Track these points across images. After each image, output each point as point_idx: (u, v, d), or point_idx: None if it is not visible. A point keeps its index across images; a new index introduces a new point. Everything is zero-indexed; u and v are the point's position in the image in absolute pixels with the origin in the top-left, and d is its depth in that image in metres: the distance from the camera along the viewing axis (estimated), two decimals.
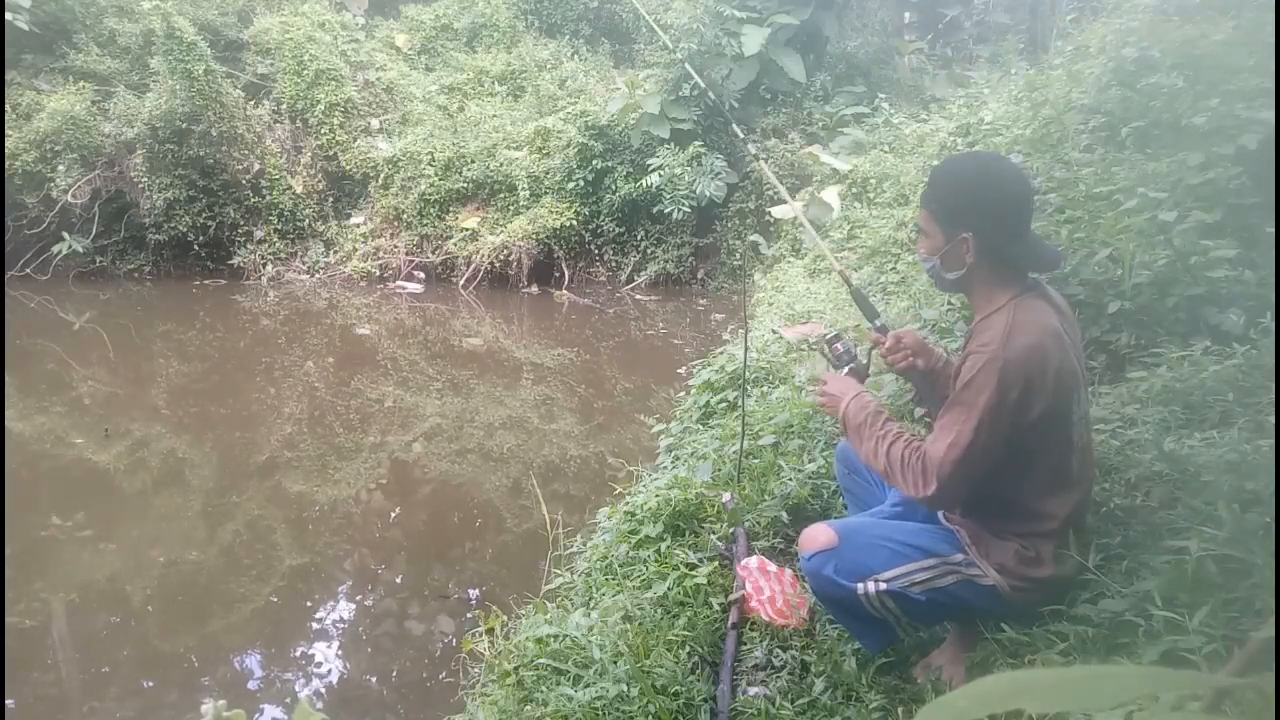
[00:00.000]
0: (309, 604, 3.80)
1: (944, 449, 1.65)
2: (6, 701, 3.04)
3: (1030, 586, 1.74)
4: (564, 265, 11.07)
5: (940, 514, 1.91)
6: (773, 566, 2.43)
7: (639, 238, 11.05)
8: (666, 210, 10.29)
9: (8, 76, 10.56)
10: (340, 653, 3.44)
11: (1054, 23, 11.28)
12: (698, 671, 2.14)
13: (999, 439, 1.65)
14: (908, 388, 2.16)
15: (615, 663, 2.07)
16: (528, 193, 10.86)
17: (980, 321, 1.76)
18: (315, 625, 3.64)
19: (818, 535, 1.85)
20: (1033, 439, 1.68)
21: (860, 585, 1.79)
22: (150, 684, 3.25)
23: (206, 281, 11.23)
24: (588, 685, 2.03)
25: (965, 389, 1.66)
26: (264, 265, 11.22)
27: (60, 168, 10.37)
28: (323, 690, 3.21)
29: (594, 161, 10.64)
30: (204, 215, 10.95)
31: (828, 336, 2.06)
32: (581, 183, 10.70)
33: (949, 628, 2.01)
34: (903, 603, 1.80)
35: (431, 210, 11.16)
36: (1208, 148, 3.28)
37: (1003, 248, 1.71)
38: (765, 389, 4.19)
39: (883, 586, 1.78)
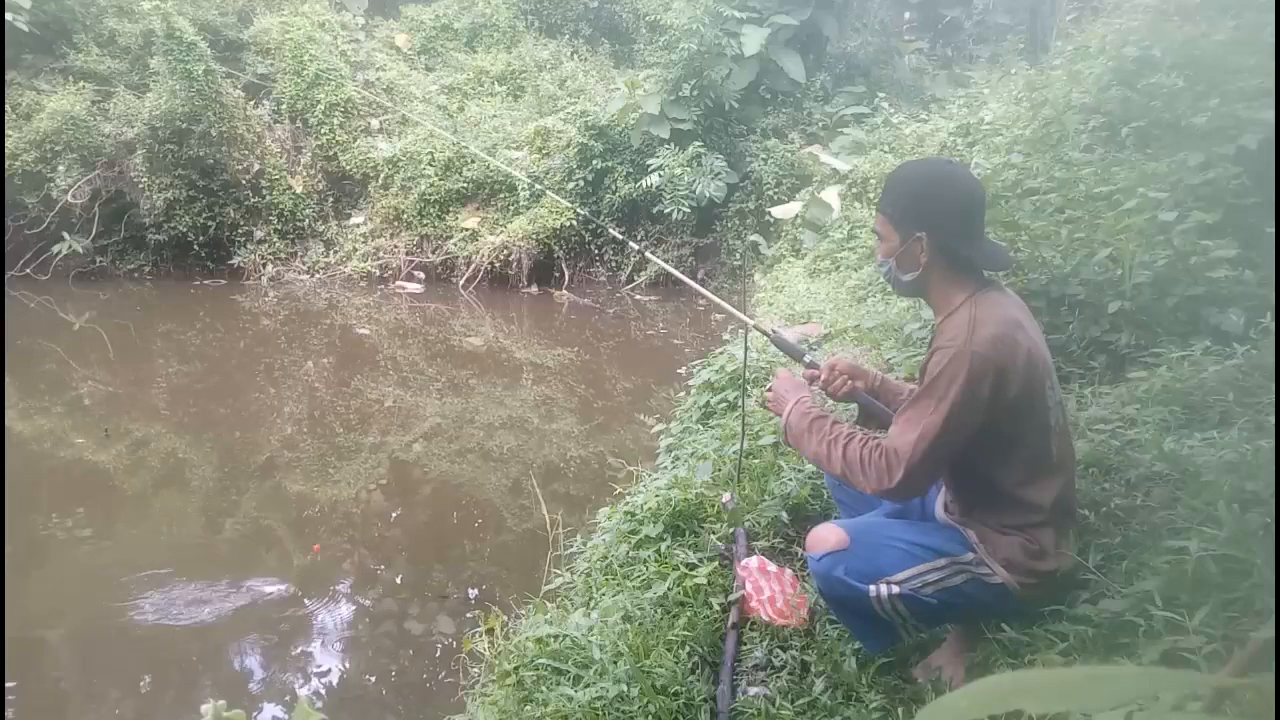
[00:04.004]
0: (309, 604, 3.80)
1: (912, 441, 1.67)
2: (6, 702, 3.04)
3: (1037, 582, 1.74)
4: (564, 265, 11.07)
5: (940, 512, 1.91)
6: (773, 566, 2.43)
7: (639, 238, 11.04)
8: (666, 210, 10.29)
9: (8, 76, 10.55)
10: (340, 653, 3.44)
11: (1054, 23, 11.29)
12: (698, 671, 2.14)
13: (968, 431, 1.67)
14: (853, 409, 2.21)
15: (615, 663, 2.07)
16: (528, 193, 10.86)
17: (942, 322, 1.79)
18: (315, 625, 3.64)
19: (827, 536, 1.83)
20: (1011, 425, 1.70)
21: (873, 588, 1.78)
22: (150, 684, 3.25)
23: (206, 281, 11.22)
24: (588, 685, 2.03)
25: (934, 381, 1.68)
26: (264, 265, 11.21)
27: (60, 168, 10.37)
28: (323, 690, 3.21)
29: (594, 161, 10.64)
30: (204, 215, 10.94)
31: (766, 389, 2.16)
32: (581, 183, 10.70)
33: (949, 628, 2.01)
34: (913, 605, 1.78)
35: (431, 210, 11.17)
36: (1208, 148, 3.28)
37: (956, 247, 1.75)
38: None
39: (895, 590, 1.76)
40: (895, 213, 1.81)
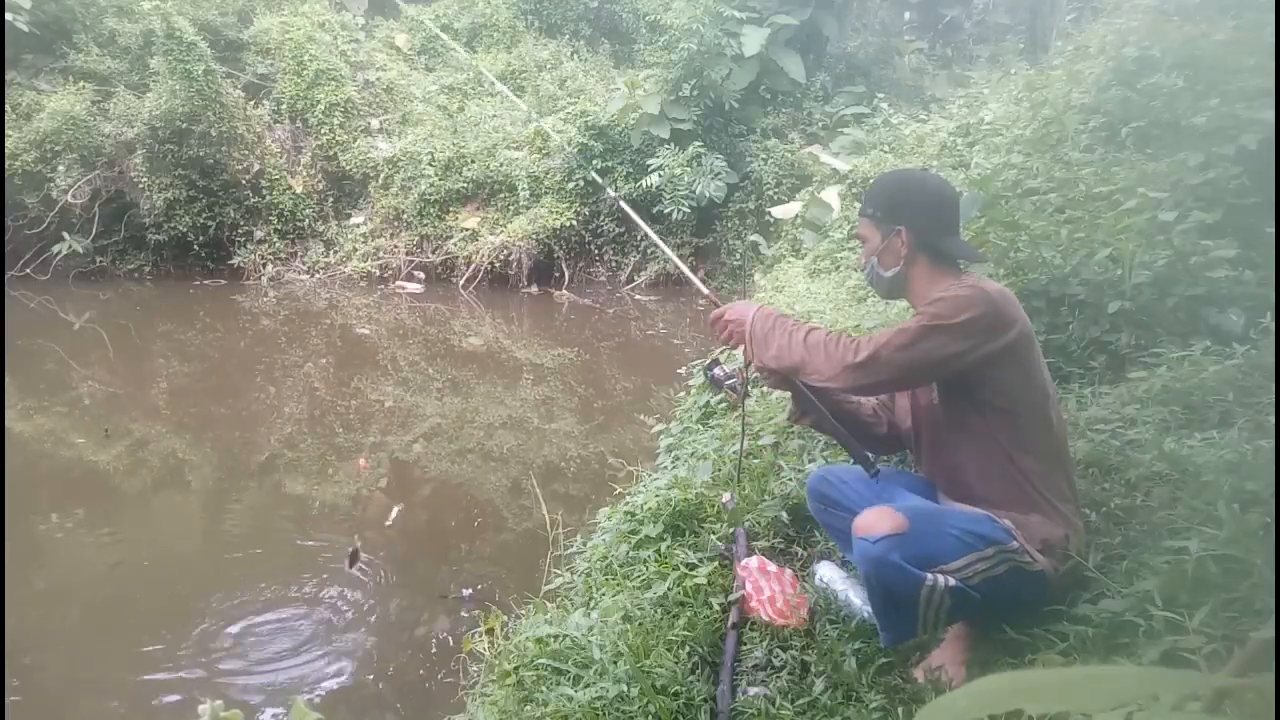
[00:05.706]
0: (308, 603, 3.80)
1: (891, 333, 1.76)
2: (6, 701, 3.04)
3: (1069, 569, 1.76)
4: (564, 265, 11.07)
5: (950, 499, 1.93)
6: (773, 566, 2.43)
7: (639, 238, 11.05)
8: (666, 210, 10.29)
9: (8, 76, 10.56)
10: (339, 652, 3.43)
11: (1054, 23, 11.30)
12: (698, 671, 2.14)
13: (947, 352, 1.73)
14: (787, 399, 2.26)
15: (615, 663, 2.07)
16: (528, 193, 10.87)
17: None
18: (314, 624, 3.64)
19: (882, 519, 1.76)
20: (1015, 373, 1.78)
21: (929, 576, 1.73)
22: (148, 683, 3.24)
23: (206, 281, 11.23)
24: (588, 685, 2.03)
25: (933, 303, 1.78)
26: (264, 265, 11.22)
27: (60, 168, 10.37)
28: (322, 690, 3.21)
29: (594, 161, 10.65)
30: (204, 215, 10.95)
31: (706, 365, 2.24)
32: (581, 183, 10.71)
33: (949, 627, 2.00)
34: (959, 599, 1.75)
35: (431, 210, 11.17)
36: (1208, 148, 3.28)
37: (935, 240, 1.88)
38: (765, 389, 4.19)
39: (952, 582, 1.73)
40: (876, 213, 1.94)
